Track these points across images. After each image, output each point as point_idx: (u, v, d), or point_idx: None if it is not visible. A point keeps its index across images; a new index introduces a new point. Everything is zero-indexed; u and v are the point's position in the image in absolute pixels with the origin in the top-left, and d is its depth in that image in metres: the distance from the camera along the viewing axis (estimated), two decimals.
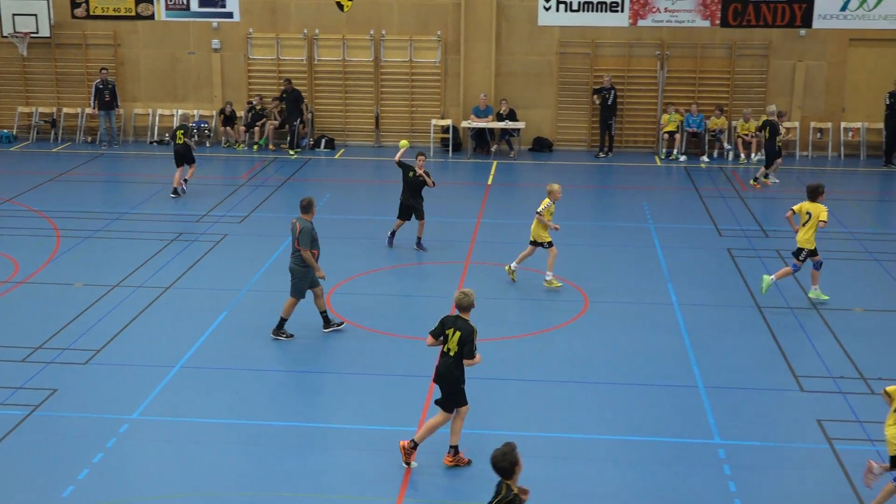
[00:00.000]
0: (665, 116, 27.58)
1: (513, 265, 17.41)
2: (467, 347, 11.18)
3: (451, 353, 11.30)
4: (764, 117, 24.89)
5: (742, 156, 27.14)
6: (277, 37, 28.64)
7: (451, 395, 11.44)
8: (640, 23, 27.59)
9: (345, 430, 12.52)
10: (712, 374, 13.97)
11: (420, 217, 19.00)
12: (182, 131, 23.17)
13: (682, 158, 27.37)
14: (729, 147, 27.40)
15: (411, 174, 18.88)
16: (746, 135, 27.16)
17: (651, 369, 14.17)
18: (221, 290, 17.07)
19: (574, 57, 28.03)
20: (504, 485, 8.36)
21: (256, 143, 28.42)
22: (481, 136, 28.06)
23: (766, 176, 24.49)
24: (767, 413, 12.94)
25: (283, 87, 27.86)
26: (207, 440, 12.14)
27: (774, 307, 16.37)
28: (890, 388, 10.52)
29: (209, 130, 28.69)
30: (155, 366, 14.06)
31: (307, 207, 14.92)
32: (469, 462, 11.56)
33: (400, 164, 19.05)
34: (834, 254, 19.19)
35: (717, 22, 27.48)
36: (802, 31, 27.30)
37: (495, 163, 26.98)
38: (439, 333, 11.43)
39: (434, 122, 28.21)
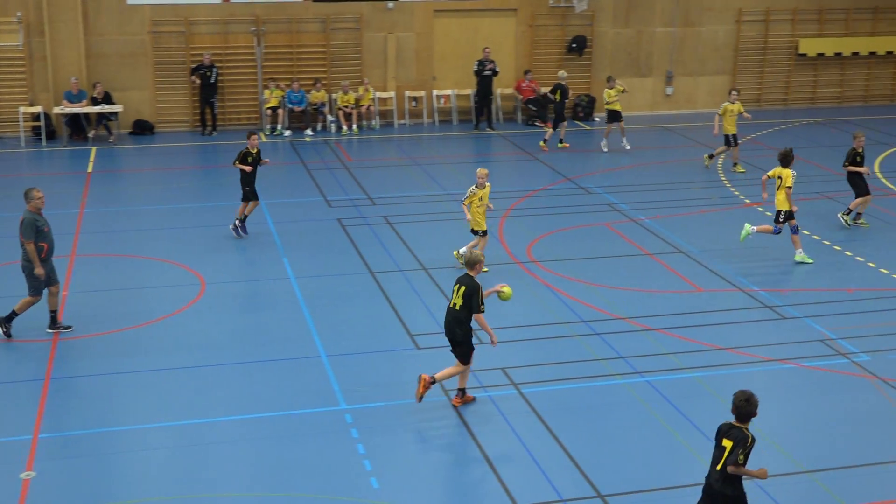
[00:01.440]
0: (266, 92, 27.63)
1: (462, 250, 16.99)
2: (474, 300, 12.00)
3: (457, 307, 12.11)
4: (556, 81, 26.21)
5: (345, 127, 27.79)
6: None
7: (461, 345, 12.27)
8: None
9: None
10: (333, 342, 14.29)
11: (256, 198, 18.95)
12: None
13: (287, 133, 27.59)
14: (332, 119, 27.97)
15: (250, 159, 18.73)
16: (346, 106, 27.82)
17: (274, 345, 14.25)
18: None
19: (168, 36, 27.32)
20: (740, 429, 8.85)
21: None
22: (76, 122, 26.67)
23: (560, 141, 26.16)
24: (388, 374, 13.44)
25: None
26: None
27: (386, 271, 16.99)
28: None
29: None
30: None
31: (25, 196, 14.03)
32: (474, 399, 12.50)
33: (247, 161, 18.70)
34: (438, 216, 20.21)
35: None
36: (390, 4, 28.32)
37: (94, 149, 25.79)
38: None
39: (22, 109, 26.44)
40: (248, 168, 18.59)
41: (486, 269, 15.82)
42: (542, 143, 26.03)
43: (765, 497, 10.53)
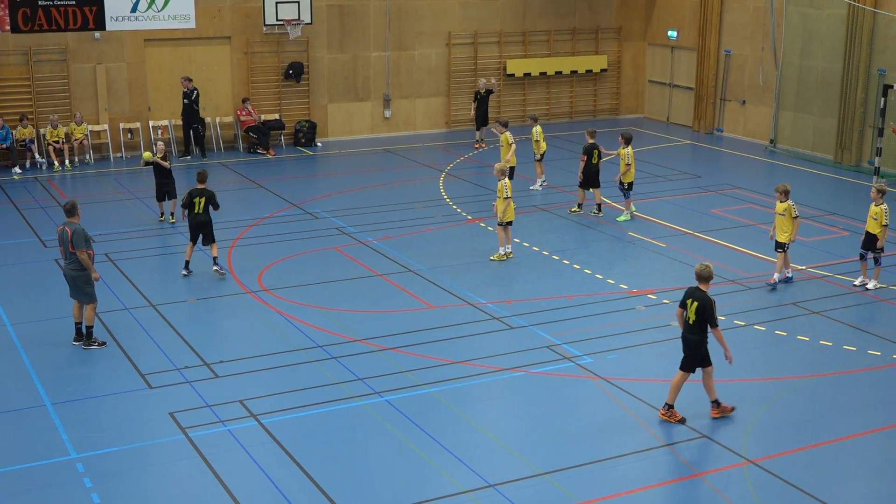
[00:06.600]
0: None
1: None
2: (709, 316, 12.40)
3: (690, 321, 12.54)
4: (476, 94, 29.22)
5: (56, 163, 26.48)
6: None
7: (691, 357, 12.64)
8: None
9: None
10: (58, 388, 13.57)
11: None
12: None
13: None
14: (42, 160, 26.53)
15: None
16: (57, 142, 26.53)
17: None
18: None
19: None
20: None
21: None
22: None
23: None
24: (120, 417, 12.89)
25: None
26: None
27: (111, 310, 16.31)
28: None
29: None
30: None
31: (72, 210, 14.74)
32: (733, 408, 12.91)
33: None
34: (162, 250, 19.63)
35: (8, 28, 26.34)
36: (97, 34, 27.30)
37: None
38: (683, 303, 12.65)
39: None
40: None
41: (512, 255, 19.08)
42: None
43: (505, 501, 10.88)
